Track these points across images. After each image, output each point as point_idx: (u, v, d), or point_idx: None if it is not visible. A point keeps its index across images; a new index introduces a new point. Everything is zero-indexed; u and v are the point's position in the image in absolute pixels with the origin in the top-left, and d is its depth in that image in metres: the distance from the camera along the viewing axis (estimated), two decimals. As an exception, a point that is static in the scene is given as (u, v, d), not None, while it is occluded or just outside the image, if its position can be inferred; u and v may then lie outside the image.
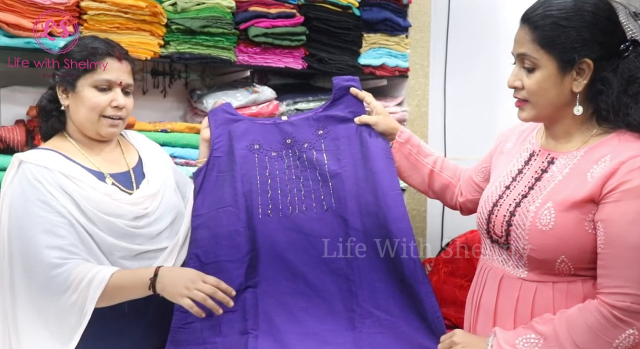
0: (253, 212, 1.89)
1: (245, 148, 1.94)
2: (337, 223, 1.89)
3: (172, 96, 2.85)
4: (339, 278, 1.84)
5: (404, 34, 3.09)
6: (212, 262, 1.82)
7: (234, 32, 2.58)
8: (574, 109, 1.52)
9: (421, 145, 2.02)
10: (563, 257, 1.47)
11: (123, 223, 1.74)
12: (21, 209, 1.66)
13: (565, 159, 1.55)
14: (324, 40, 2.83)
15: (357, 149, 1.95)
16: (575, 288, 1.49)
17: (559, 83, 1.50)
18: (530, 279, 1.54)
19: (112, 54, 1.77)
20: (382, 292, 1.81)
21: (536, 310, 1.52)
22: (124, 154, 1.90)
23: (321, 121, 1.99)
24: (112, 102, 1.76)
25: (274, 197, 1.91)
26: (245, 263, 1.83)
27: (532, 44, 1.50)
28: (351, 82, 2.01)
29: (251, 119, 2.03)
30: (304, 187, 1.92)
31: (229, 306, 1.65)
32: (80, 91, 1.75)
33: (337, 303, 1.82)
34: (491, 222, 1.63)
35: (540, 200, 1.51)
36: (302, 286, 1.84)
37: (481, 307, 1.66)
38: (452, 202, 2.01)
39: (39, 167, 1.69)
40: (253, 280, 1.83)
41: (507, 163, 1.71)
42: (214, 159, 1.91)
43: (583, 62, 1.47)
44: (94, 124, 1.77)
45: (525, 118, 1.59)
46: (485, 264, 1.69)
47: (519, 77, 1.55)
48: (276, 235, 1.88)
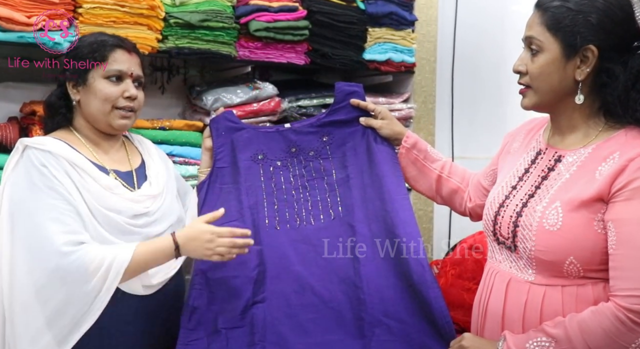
0: (260, 225, 1.91)
1: (249, 159, 1.95)
2: (344, 231, 1.91)
3: (170, 92, 2.84)
4: (348, 287, 1.85)
5: (410, 29, 3.08)
6: (218, 278, 1.84)
7: (235, 27, 2.57)
8: (575, 98, 1.52)
9: (428, 150, 2.02)
10: (572, 259, 1.46)
11: (122, 220, 1.75)
12: (27, 195, 1.67)
13: (572, 156, 1.55)
14: (327, 35, 2.82)
15: (363, 154, 1.96)
16: (585, 291, 1.49)
17: (562, 68, 1.51)
18: (538, 283, 1.54)
19: (121, 45, 1.83)
20: (391, 299, 1.81)
21: (545, 314, 1.51)
22: (128, 156, 1.93)
23: (325, 126, 2.01)
24: (125, 92, 1.81)
25: (281, 209, 1.93)
26: (252, 278, 1.85)
27: (540, 27, 1.53)
28: (354, 89, 2.01)
29: (254, 127, 2.05)
30: (310, 197, 1.94)
31: (249, 245, 1.75)
32: (92, 83, 1.79)
33: (346, 312, 1.83)
34: (497, 223, 1.63)
35: (548, 199, 1.51)
36: (311, 297, 1.85)
37: (488, 311, 1.66)
38: (462, 208, 2.02)
39: (44, 152, 1.70)
40: (261, 295, 1.85)
41: (513, 163, 1.71)
42: (217, 170, 1.93)
43: (587, 49, 1.48)
44: (106, 116, 1.81)
45: (527, 105, 1.60)
46: (492, 267, 1.69)
47: (525, 62, 1.57)
48: (284, 248, 1.90)
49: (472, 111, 3.51)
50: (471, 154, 3.43)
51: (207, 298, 1.82)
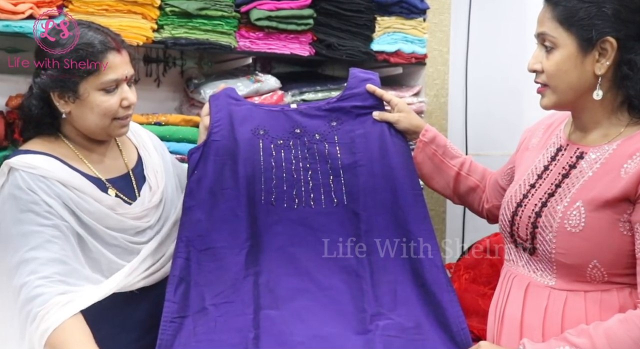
0: (255, 198, 1.87)
1: (249, 132, 1.92)
2: (347, 218, 1.88)
3: (166, 85, 2.85)
4: (349, 276, 1.82)
5: (421, 17, 3.08)
6: (206, 249, 1.80)
7: (235, 16, 2.58)
8: (593, 94, 1.51)
9: (447, 145, 2.02)
10: (595, 263, 1.46)
11: (124, 238, 1.76)
12: (10, 221, 1.64)
13: (595, 153, 1.54)
14: (333, 24, 2.82)
15: (374, 143, 1.94)
16: (609, 297, 1.48)
17: (580, 64, 1.50)
18: (559, 288, 1.53)
19: (111, 47, 1.70)
20: (399, 295, 1.79)
21: (567, 322, 1.50)
22: (122, 153, 1.90)
23: (335, 111, 1.98)
24: (123, 102, 1.73)
25: (279, 186, 1.89)
26: (244, 249, 1.80)
27: (552, 22, 1.51)
28: (370, 76, 2.00)
29: (256, 104, 2.02)
30: (312, 179, 1.91)
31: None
32: (86, 96, 1.69)
33: (346, 303, 1.79)
34: (515, 224, 1.62)
35: (569, 199, 1.50)
36: (307, 283, 1.81)
37: (505, 318, 1.65)
38: (479, 208, 2.02)
39: (33, 175, 1.65)
40: (254, 268, 1.80)
41: (532, 160, 1.71)
42: (212, 143, 1.88)
43: (605, 41, 1.47)
44: (105, 129, 1.76)
45: (546, 105, 1.59)
46: (509, 270, 1.68)
47: (539, 60, 1.56)
48: (279, 226, 1.86)
49: (487, 105, 3.50)
50: (486, 151, 3.42)
51: (195, 270, 1.78)
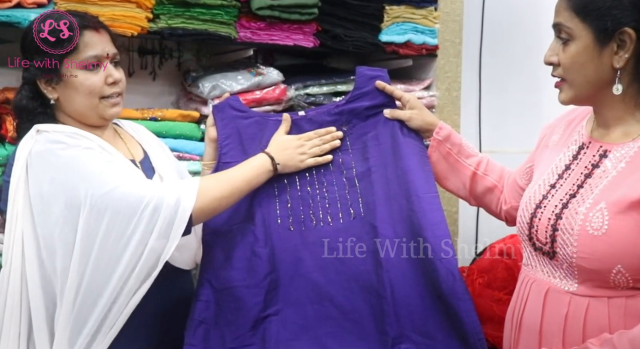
0: (271, 227, 1.91)
1: (260, 150, 1.94)
2: (365, 232, 1.89)
3: (162, 78, 2.86)
4: (371, 296, 1.84)
5: (432, 6, 3.07)
6: (225, 288, 1.84)
7: (235, 5, 2.58)
8: (613, 88, 1.51)
9: (463, 143, 2.02)
10: (619, 267, 1.45)
11: None
12: (62, 163, 1.67)
13: (620, 151, 1.53)
14: (339, 14, 2.82)
15: (387, 145, 1.95)
16: (635, 304, 1.47)
17: (597, 57, 1.50)
18: (581, 294, 1.52)
19: (87, 25, 1.78)
20: (418, 311, 1.80)
21: (589, 329, 1.50)
22: (127, 145, 1.93)
23: (344, 114, 1.99)
24: (107, 78, 1.79)
25: (295, 208, 1.92)
26: (263, 288, 1.84)
27: (567, 12, 1.52)
28: (378, 73, 2.01)
29: (263, 115, 2.04)
30: (328, 193, 1.94)
31: (339, 136, 1.97)
32: (68, 77, 1.75)
33: (368, 326, 1.82)
34: (534, 226, 1.62)
35: (592, 200, 1.50)
36: (330, 308, 1.84)
37: (523, 325, 1.65)
38: (497, 209, 2.02)
39: (64, 133, 1.72)
40: (273, 307, 1.84)
41: (552, 158, 1.70)
42: (223, 166, 1.92)
43: (624, 32, 1.47)
44: (94, 109, 1.80)
45: (564, 100, 1.60)
46: (527, 275, 1.68)
47: (556, 52, 1.56)
48: (299, 252, 1.89)
49: (502, 99, 3.50)
50: (501, 147, 3.42)
51: (214, 311, 1.83)
